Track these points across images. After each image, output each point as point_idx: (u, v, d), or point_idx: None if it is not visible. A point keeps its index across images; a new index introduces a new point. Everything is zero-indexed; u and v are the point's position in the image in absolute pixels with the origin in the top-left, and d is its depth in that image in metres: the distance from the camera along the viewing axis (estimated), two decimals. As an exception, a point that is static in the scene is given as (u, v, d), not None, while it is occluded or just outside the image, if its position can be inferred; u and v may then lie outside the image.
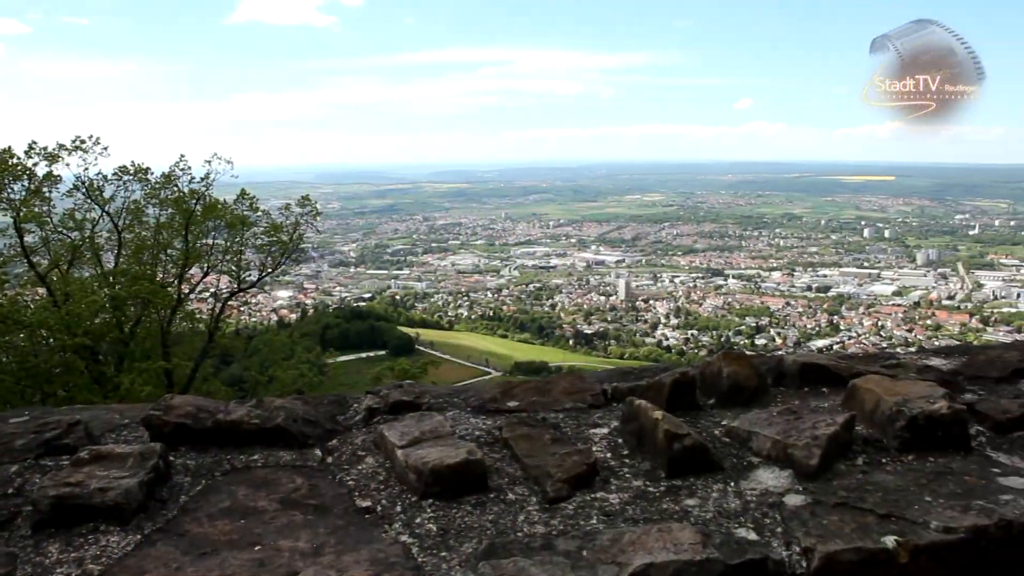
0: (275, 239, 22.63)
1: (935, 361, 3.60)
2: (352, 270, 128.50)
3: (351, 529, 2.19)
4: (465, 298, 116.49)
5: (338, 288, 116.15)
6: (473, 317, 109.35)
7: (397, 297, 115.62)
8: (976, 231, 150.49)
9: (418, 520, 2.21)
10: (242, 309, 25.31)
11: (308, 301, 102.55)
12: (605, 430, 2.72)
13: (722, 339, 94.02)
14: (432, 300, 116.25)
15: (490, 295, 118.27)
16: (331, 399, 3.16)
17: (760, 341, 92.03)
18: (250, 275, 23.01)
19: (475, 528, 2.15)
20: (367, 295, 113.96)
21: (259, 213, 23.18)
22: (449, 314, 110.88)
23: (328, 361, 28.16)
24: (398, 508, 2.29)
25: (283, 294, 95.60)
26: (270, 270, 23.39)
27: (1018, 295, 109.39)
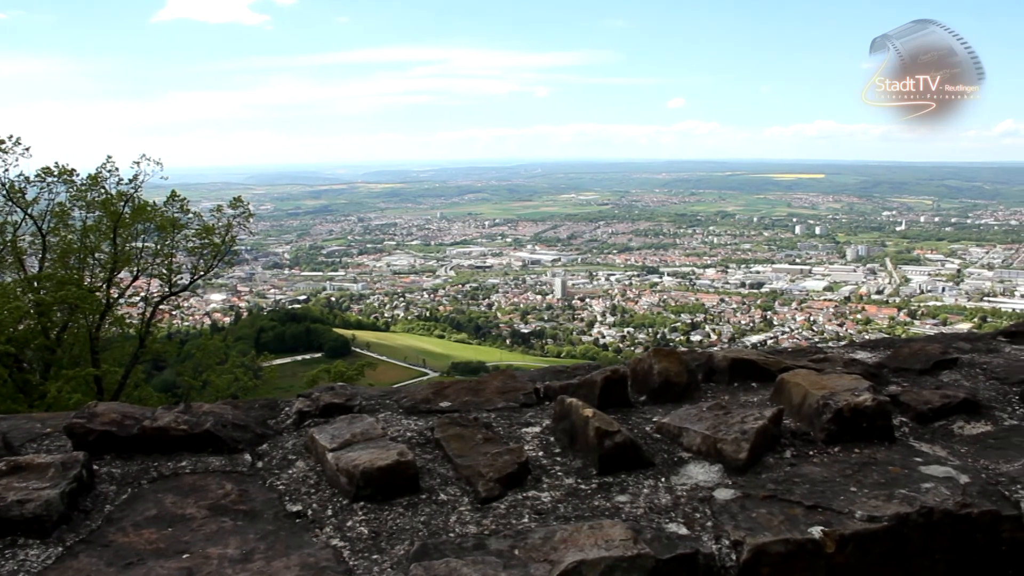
0: (207, 241, 22.29)
1: (861, 355, 3.68)
2: (286, 272, 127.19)
3: (281, 534, 2.16)
4: (401, 299, 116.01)
5: (272, 290, 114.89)
6: (410, 318, 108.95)
7: (332, 299, 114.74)
8: (903, 227, 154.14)
9: (349, 523, 2.19)
10: (174, 313, 24.90)
11: (242, 304, 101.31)
12: (537, 429, 2.73)
13: (658, 336, 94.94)
14: (368, 301, 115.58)
15: (426, 295, 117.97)
16: (262, 403, 3.12)
17: (695, 337, 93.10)
18: (182, 278, 22.64)
19: (407, 530, 2.14)
20: (302, 297, 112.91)
21: (190, 215, 22.81)
22: (385, 315, 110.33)
23: (263, 364, 27.82)
24: (329, 512, 2.27)
25: (216, 297, 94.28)
26: (202, 273, 23.02)
27: (943, 289, 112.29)
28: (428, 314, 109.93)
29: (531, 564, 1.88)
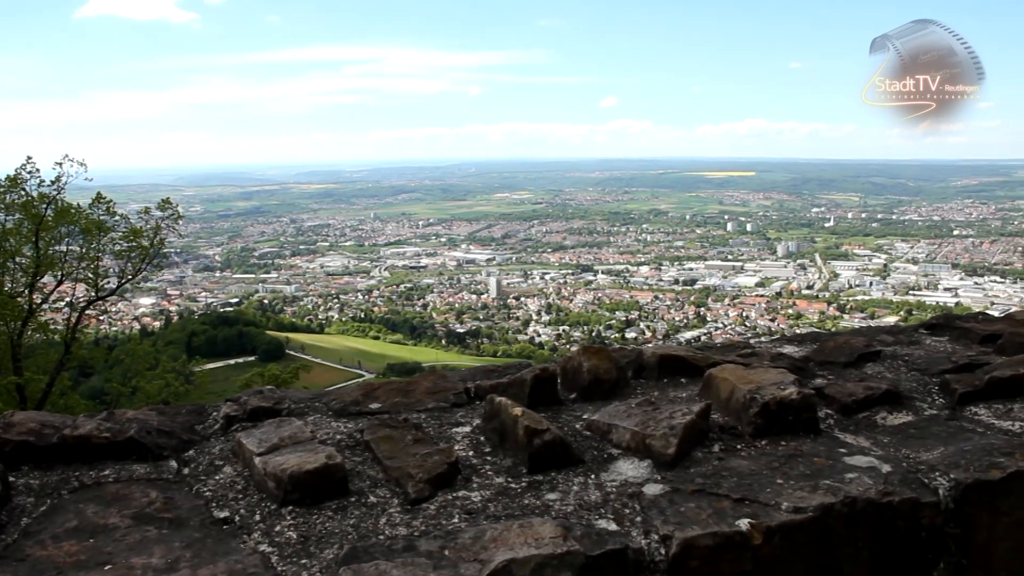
0: (135, 244, 21.87)
1: (788, 349, 3.73)
2: (218, 274, 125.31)
3: (208, 542, 2.12)
4: (336, 300, 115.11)
5: (204, 293, 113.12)
6: (344, 319, 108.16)
7: (266, 301, 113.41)
8: (831, 223, 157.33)
9: (277, 528, 2.16)
10: (101, 318, 24.39)
11: (172, 308, 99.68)
12: (468, 428, 2.72)
13: (593, 334, 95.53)
14: (302, 303, 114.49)
15: (361, 296, 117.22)
16: (189, 408, 3.07)
17: (630, 335, 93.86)
18: (109, 282, 22.18)
19: (336, 533, 2.12)
20: (234, 300, 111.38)
21: (117, 217, 22.35)
22: (320, 317, 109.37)
23: (195, 369, 27.41)
24: (257, 517, 2.23)
25: (145, 301, 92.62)
26: (130, 277, 22.56)
27: (871, 283, 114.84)
28: (363, 315, 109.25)
29: (461, 564, 1.88)
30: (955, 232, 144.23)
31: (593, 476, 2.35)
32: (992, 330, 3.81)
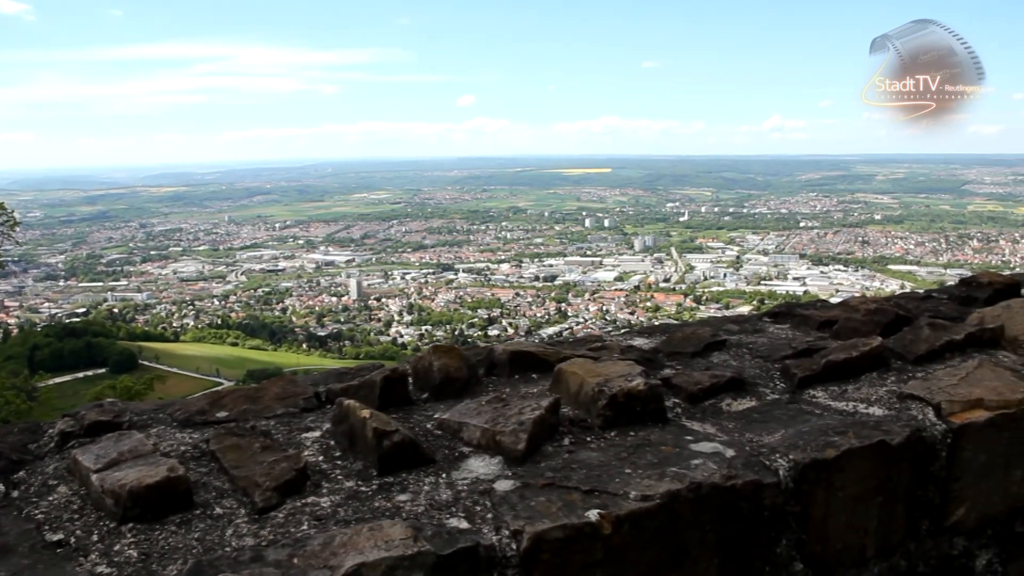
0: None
1: (638, 341, 3.80)
2: (62, 283, 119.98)
3: (39, 567, 2.00)
4: (191, 307, 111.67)
5: (47, 304, 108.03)
6: (200, 326, 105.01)
7: (116, 310, 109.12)
8: (686, 217, 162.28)
9: (117, 547, 2.06)
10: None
11: (11, 320, 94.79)
12: (318, 433, 2.66)
13: (456, 333, 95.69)
14: (155, 311, 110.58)
15: (217, 302, 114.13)
16: (22, 427, 2.89)
17: (493, 332, 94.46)
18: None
19: (180, 548, 2.03)
20: (81, 310, 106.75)
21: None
22: (174, 325, 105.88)
23: (39, 384, 26.14)
24: (95, 537, 2.12)
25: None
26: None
27: (724, 275, 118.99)
28: (220, 321, 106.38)
29: (311, 571, 1.84)
30: (801, 224, 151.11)
31: (444, 475, 2.34)
32: (828, 316, 3.97)
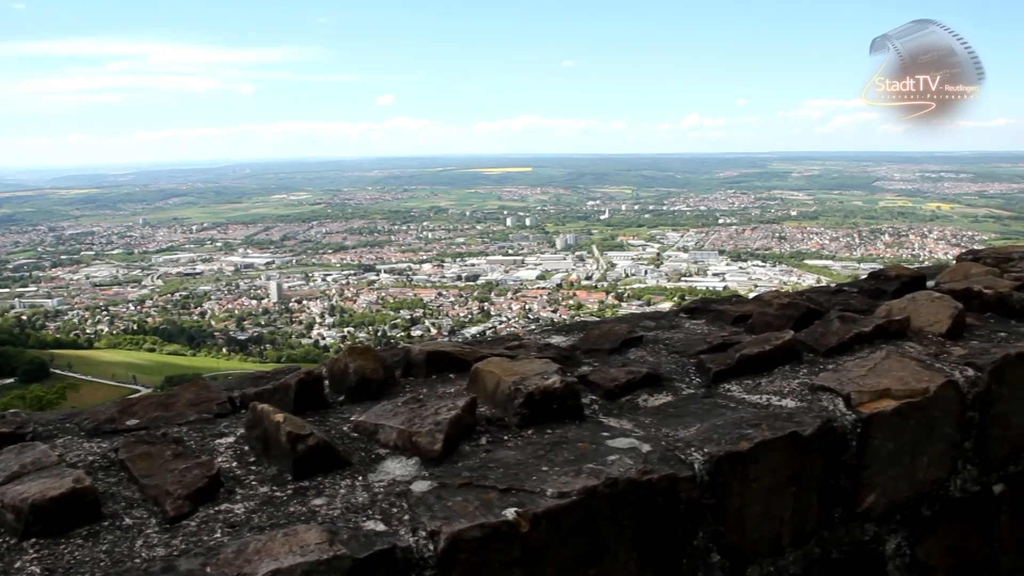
0: None
1: (556, 339, 3.81)
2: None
3: (-65, 588, 1.93)
4: (105, 312, 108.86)
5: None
6: (115, 332, 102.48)
7: (24, 317, 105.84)
8: (607, 216, 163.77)
9: (18, 565, 1.97)
10: None
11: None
12: (232, 439, 2.61)
13: (379, 334, 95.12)
14: (67, 318, 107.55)
15: (133, 307, 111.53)
16: (-81, 442, 2.78)
17: (416, 332, 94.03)
18: None
19: (87, 562, 1.97)
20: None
21: None
22: (88, 331, 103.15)
23: (-60, 397, 25.26)
24: (-5, 555, 2.05)
25: None
26: None
27: (645, 272, 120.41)
28: (136, 327, 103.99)
29: (223, 580, 1.81)
30: (720, 221, 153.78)
31: (361, 478, 2.32)
32: (743, 311, 4.03)
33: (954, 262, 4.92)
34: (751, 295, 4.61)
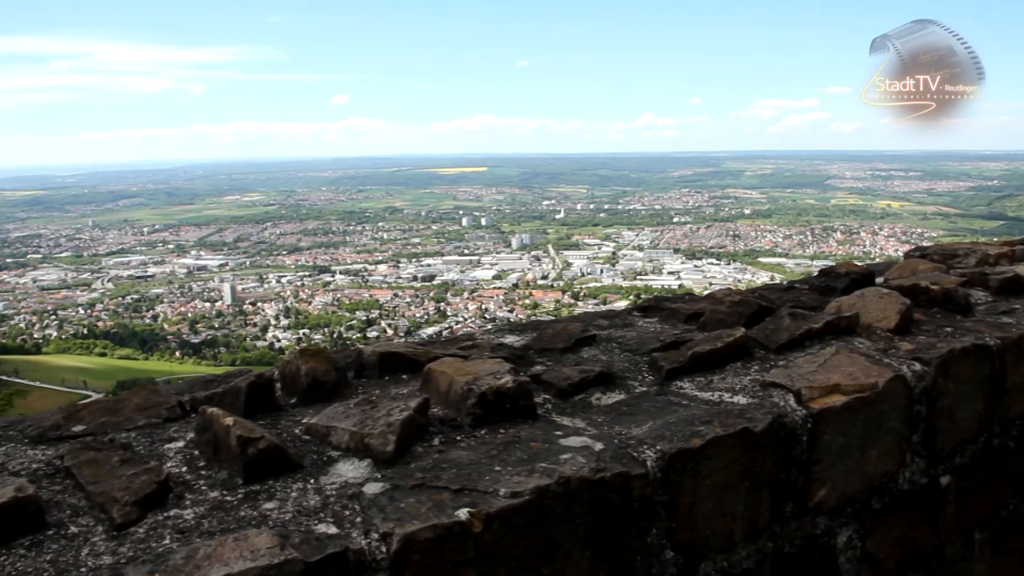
0: None
1: (509, 339, 3.81)
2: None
3: None
4: (53, 317, 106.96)
5: None
6: (65, 337, 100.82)
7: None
8: (562, 215, 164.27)
9: (-42, 576, 1.94)
10: None
11: None
12: (181, 444, 2.57)
13: (334, 336, 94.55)
14: (12, 322, 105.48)
15: (82, 311, 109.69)
16: None
17: (372, 334, 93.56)
18: None
19: (30, 573, 1.92)
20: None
21: None
22: (35, 336, 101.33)
23: None
24: (-68, 568, 2.00)
25: None
26: None
27: (601, 271, 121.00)
28: (86, 331, 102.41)
29: (172, 586, 1.78)
30: (675, 219, 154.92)
31: (312, 480, 2.30)
32: (695, 309, 4.06)
33: (903, 259, 5.00)
34: (705, 293, 4.65)
